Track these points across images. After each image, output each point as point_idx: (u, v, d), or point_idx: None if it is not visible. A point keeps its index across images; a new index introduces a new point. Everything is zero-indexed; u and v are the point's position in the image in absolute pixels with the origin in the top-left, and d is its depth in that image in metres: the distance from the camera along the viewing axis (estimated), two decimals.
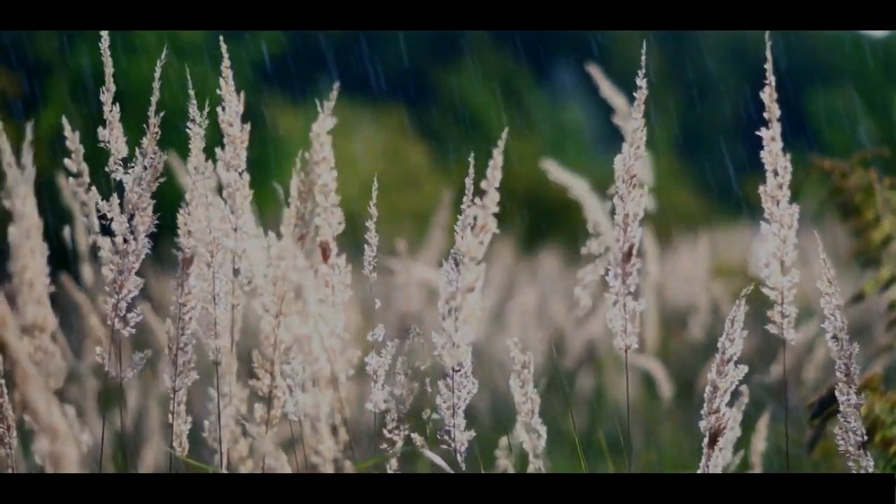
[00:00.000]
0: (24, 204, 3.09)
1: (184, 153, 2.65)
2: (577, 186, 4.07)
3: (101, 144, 2.59)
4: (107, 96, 2.59)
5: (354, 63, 19.02)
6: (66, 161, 2.72)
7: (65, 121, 2.73)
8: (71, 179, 2.74)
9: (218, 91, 2.62)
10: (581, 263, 3.33)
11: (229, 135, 2.60)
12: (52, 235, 3.21)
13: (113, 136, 2.58)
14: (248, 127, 2.62)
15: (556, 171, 4.10)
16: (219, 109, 2.60)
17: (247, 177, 2.60)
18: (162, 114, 2.58)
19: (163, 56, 2.57)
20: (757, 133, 2.56)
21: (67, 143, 2.70)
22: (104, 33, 2.60)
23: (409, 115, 17.65)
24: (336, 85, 2.66)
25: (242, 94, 2.62)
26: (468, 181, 2.42)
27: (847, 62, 21.07)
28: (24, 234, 3.07)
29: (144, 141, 2.57)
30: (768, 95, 2.56)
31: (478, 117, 19.53)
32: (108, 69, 2.59)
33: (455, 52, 21.11)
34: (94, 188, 2.66)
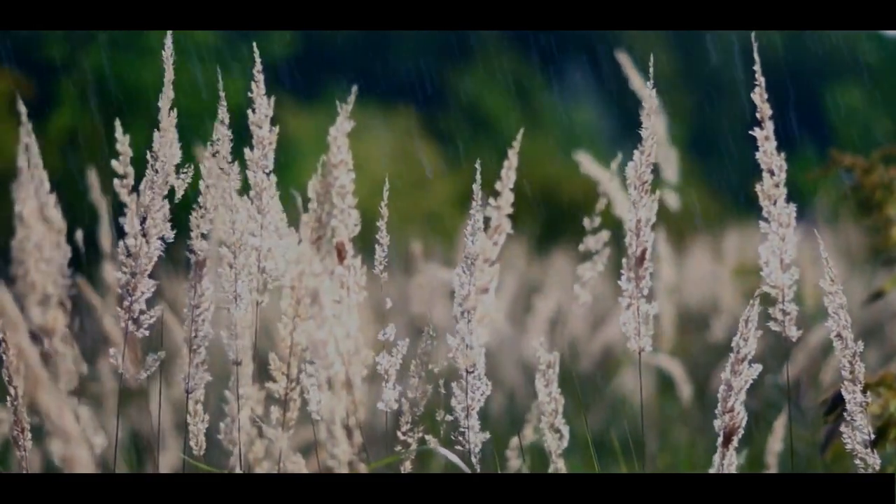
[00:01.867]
0: (32, 204, 3.09)
1: (188, 153, 2.64)
2: (607, 181, 4.06)
3: (154, 150, 2.58)
4: (164, 101, 2.57)
5: (365, 64, 19.04)
6: (114, 162, 2.71)
7: (118, 123, 2.71)
8: (116, 180, 2.73)
9: (248, 93, 2.61)
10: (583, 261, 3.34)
11: (258, 136, 2.60)
12: (67, 236, 3.21)
13: (166, 141, 2.57)
14: (276, 129, 2.62)
15: (587, 164, 4.09)
16: (249, 111, 2.60)
17: (273, 178, 2.60)
18: (174, 114, 2.57)
19: (173, 55, 2.57)
20: (750, 133, 2.57)
21: (118, 145, 2.69)
22: (168, 36, 2.58)
23: (420, 116, 17.65)
24: (354, 88, 2.66)
25: (272, 98, 2.62)
26: (475, 186, 2.42)
27: (864, 59, 21.06)
28: (31, 235, 3.07)
29: (155, 141, 2.57)
30: (759, 96, 2.57)
31: (489, 118, 19.53)
32: (169, 74, 2.57)
33: (466, 53, 21.11)
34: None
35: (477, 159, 2.48)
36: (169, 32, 2.59)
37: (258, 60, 2.60)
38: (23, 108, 3.13)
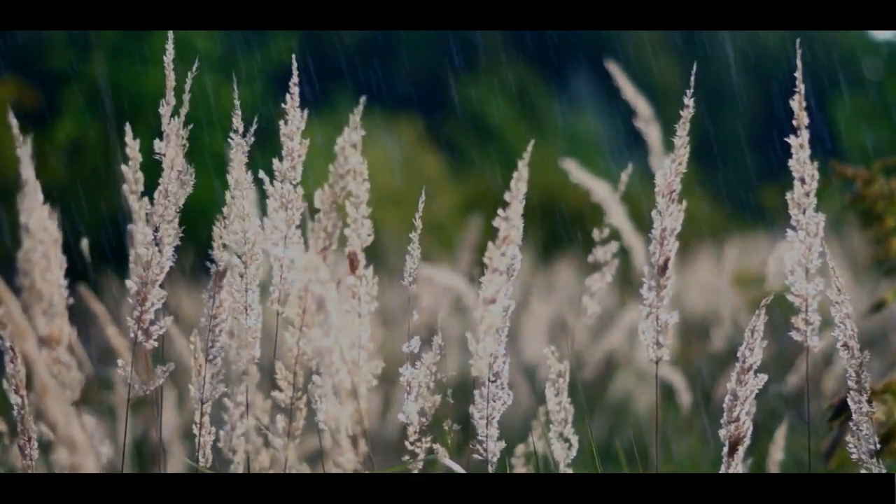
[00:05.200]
0: (38, 216, 3.09)
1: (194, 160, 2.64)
2: (598, 189, 4.07)
3: (157, 156, 2.58)
4: (166, 109, 2.57)
5: (369, 72, 19.04)
6: (123, 168, 2.72)
7: (128, 127, 2.72)
8: (125, 186, 2.74)
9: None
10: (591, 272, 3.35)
11: (288, 148, 2.60)
12: (70, 246, 3.21)
13: (170, 148, 2.57)
14: (307, 142, 2.62)
15: (577, 172, 4.09)
16: (280, 123, 2.60)
17: (301, 189, 2.60)
18: (191, 126, 2.57)
19: (194, 68, 2.57)
20: (786, 140, 2.56)
21: (127, 150, 2.69)
22: (169, 40, 2.58)
23: (425, 124, 17.64)
24: (363, 99, 2.67)
25: (306, 111, 2.62)
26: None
27: (862, 67, 21.04)
28: (36, 245, 3.08)
29: (169, 150, 2.57)
30: (797, 103, 2.56)
31: (493, 126, 19.52)
32: (170, 81, 2.57)
33: (470, 61, 21.11)
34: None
35: (482, 169, 2.49)
36: (170, 35, 2.59)
37: (295, 73, 2.60)
38: (14, 121, 3.11)
